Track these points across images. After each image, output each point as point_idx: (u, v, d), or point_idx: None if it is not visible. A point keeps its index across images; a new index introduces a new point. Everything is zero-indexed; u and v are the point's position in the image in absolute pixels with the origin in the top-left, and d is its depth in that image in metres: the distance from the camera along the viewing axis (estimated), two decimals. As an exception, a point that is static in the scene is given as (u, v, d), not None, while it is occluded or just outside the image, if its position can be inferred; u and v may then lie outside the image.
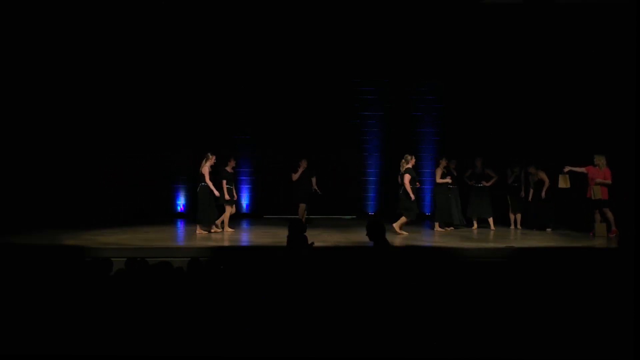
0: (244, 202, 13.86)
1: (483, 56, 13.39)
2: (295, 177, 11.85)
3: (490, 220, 11.76)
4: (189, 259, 5.80)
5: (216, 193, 10.77)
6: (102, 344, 3.78)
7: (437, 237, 10.81)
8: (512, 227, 11.93)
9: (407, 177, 10.54)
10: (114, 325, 3.90)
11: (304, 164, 11.87)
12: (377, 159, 13.95)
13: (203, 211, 10.82)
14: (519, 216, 11.96)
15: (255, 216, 13.64)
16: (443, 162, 11.65)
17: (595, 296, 4.70)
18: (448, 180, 11.53)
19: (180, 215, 13.61)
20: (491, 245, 10.01)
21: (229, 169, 11.24)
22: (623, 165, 10.27)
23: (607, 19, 12.02)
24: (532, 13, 12.32)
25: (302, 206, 11.87)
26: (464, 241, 10.24)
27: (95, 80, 13.19)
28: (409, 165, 10.66)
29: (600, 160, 10.70)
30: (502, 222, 12.04)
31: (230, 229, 11.23)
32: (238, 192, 11.95)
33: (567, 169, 10.95)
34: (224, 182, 11.01)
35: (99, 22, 12.75)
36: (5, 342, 3.80)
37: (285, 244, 6.93)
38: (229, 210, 11.19)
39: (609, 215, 10.73)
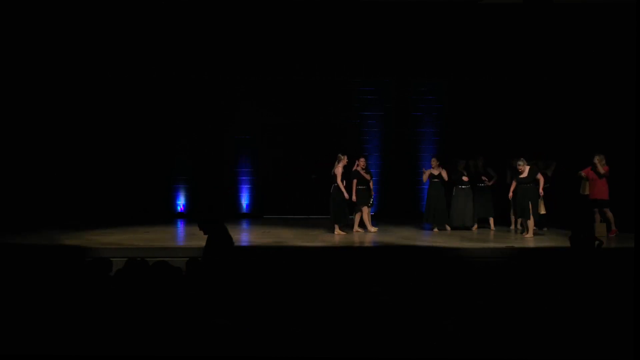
0: (244, 202, 13.86)
1: (483, 56, 13.39)
2: (367, 175, 11.39)
3: (491, 220, 11.75)
4: (188, 258, 5.81)
5: (346, 195, 10.74)
6: (102, 344, 3.78)
7: (437, 237, 10.81)
8: (513, 227, 11.92)
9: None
10: (114, 325, 3.90)
11: (362, 163, 11.39)
12: (377, 159, 13.93)
13: (337, 211, 10.84)
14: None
15: (255, 216, 13.63)
16: (434, 162, 11.63)
17: (595, 296, 4.70)
18: (429, 175, 11.55)
19: (180, 215, 13.61)
20: (491, 245, 10.02)
21: (359, 169, 11.22)
22: (623, 164, 10.29)
23: (607, 19, 12.06)
24: (531, 13, 12.33)
25: (366, 210, 11.30)
26: (464, 241, 10.24)
27: (95, 80, 13.17)
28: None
29: (600, 160, 10.70)
30: (502, 222, 12.03)
31: (373, 228, 11.17)
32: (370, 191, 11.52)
33: (580, 173, 10.94)
34: (355, 181, 11.00)
35: (98, 22, 12.75)
36: (5, 342, 3.80)
37: (286, 244, 6.94)
38: (366, 210, 11.16)
39: (609, 215, 10.74)
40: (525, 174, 10.80)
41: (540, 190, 10.72)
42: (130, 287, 4.70)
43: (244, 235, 11.38)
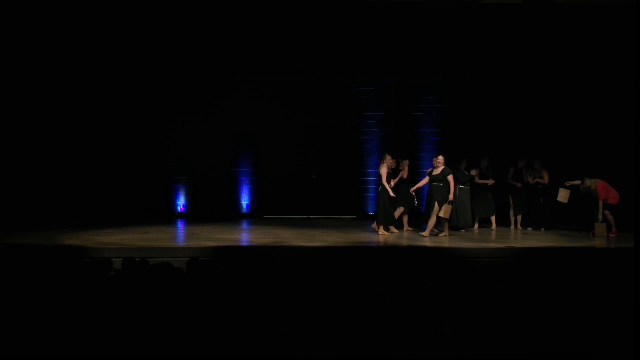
0: (244, 202, 13.86)
1: (483, 56, 13.37)
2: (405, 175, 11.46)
3: (493, 218, 11.72)
4: (189, 258, 5.81)
5: (391, 194, 10.73)
6: (102, 344, 3.78)
7: (437, 237, 10.80)
8: (512, 227, 11.92)
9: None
10: (114, 325, 3.90)
11: (405, 164, 11.47)
12: (377, 159, 13.90)
13: (383, 212, 10.83)
14: (519, 217, 11.94)
15: (255, 216, 13.63)
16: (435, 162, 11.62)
17: (595, 296, 4.70)
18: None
19: (180, 215, 13.61)
20: (491, 245, 10.02)
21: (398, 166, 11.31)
22: (623, 164, 10.29)
23: (607, 19, 12.05)
24: (531, 13, 12.32)
25: (400, 210, 11.34)
26: (464, 241, 10.24)
27: (95, 80, 13.17)
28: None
29: (589, 184, 10.63)
30: (503, 222, 12.04)
31: (395, 230, 11.12)
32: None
33: (568, 184, 10.90)
34: (389, 180, 10.98)
35: (98, 22, 12.74)
36: (5, 342, 3.80)
37: (286, 244, 6.92)
38: (399, 210, 11.20)
39: (610, 217, 10.73)
40: (437, 171, 10.62)
41: (450, 196, 10.44)
42: (129, 287, 4.70)
43: (244, 235, 11.39)
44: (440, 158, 10.70)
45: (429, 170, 10.96)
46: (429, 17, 13.12)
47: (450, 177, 10.56)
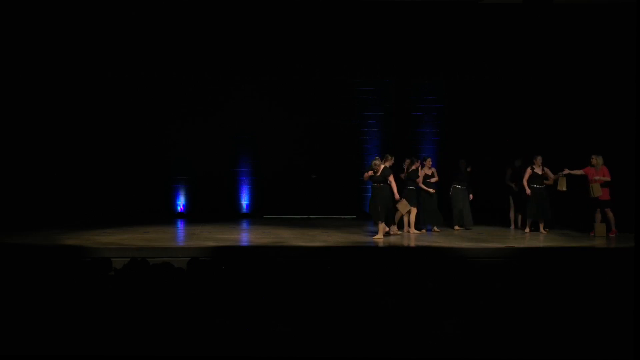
0: (244, 202, 13.86)
1: (483, 56, 13.39)
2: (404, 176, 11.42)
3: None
4: (189, 258, 5.81)
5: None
6: (102, 344, 3.78)
7: (437, 237, 10.81)
8: (513, 227, 11.92)
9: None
10: (114, 325, 3.90)
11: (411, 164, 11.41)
12: (376, 159, 13.94)
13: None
14: (519, 216, 11.93)
15: (255, 216, 13.63)
16: (428, 162, 11.59)
17: (595, 296, 4.70)
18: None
19: (181, 215, 13.61)
20: (491, 245, 10.02)
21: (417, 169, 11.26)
22: (623, 164, 10.29)
23: (607, 19, 12.06)
24: (531, 13, 12.33)
25: (413, 210, 11.21)
26: (464, 241, 10.25)
27: (95, 80, 13.18)
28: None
29: (597, 159, 10.71)
30: (503, 222, 12.04)
31: (397, 231, 11.01)
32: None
33: (565, 171, 10.94)
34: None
35: (98, 22, 12.76)
36: (5, 342, 3.80)
37: (286, 244, 6.91)
38: (413, 211, 11.10)
39: (610, 215, 10.74)
40: (378, 173, 10.47)
41: (396, 194, 10.39)
42: (130, 287, 4.70)
43: (244, 235, 11.39)
44: (377, 160, 10.57)
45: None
46: (429, 17, 13.14)
47: (391, 178, 10.47)
